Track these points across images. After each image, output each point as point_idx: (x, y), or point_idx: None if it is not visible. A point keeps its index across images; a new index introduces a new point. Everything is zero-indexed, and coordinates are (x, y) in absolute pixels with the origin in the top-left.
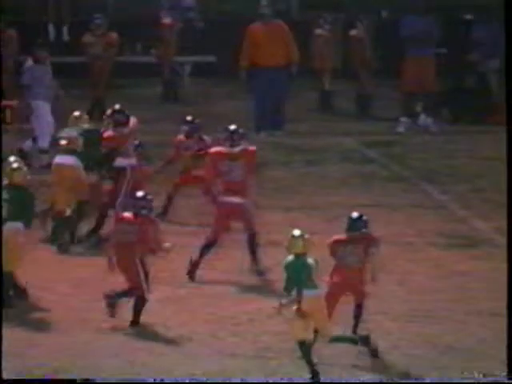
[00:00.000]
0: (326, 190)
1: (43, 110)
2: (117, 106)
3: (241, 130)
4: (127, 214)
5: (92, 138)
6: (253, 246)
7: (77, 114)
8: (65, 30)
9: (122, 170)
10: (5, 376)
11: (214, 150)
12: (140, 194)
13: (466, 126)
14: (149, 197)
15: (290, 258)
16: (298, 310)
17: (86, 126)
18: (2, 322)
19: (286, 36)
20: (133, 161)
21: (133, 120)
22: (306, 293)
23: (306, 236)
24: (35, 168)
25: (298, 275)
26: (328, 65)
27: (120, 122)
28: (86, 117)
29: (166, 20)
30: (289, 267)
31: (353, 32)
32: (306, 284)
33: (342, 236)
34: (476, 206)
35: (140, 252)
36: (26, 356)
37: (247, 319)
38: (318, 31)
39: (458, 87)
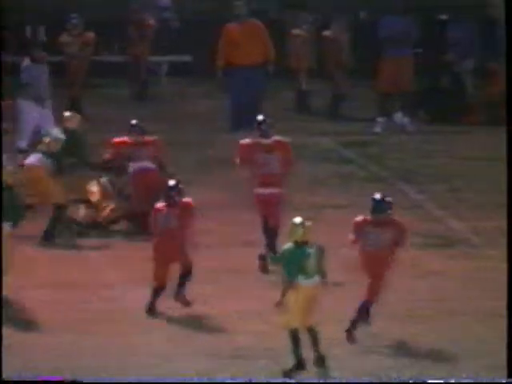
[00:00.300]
0: (303, 190)
1: (29, 109)
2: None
3: (268, 120)
4: (163, 204)
5: (70, 140)
6: (273, 238)
7: (67, 114)
8: (41, 29)
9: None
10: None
11: (246, 141)
12: (171, 182)
13: (442, 125)
14: (180, 185)
15: (289, 245)
16: (293, 298)
17: (73, 126)
18: (1, 322)
19: (262, 35)
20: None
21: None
22: (303, 281)
23: (307, 223)
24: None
25: (296, 263)
26: (304, 64)
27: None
28: (76, 118)
29: (140, 19)
30: (286, 255)
31: (326, 32)
32: (303, 272)
33: (368, 217)
34: (452, 206)
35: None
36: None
37: (223, 319)
38: (296, 31)
39: (433, 87)
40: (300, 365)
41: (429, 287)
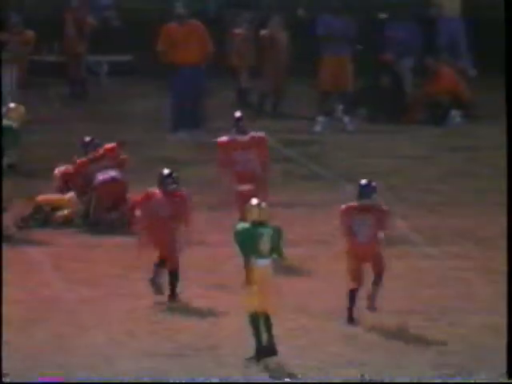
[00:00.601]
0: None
1: None
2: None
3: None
4: (157, 191)
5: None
6: None
7: (11, 105)
8: None
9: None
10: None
11: (223, 139)
12: (166, 171)
13: (381, 124)
14: (175, 174)
15: (242, 225)
16: (248, 279)
17: (15, 118)
18: (1, 322)
19: (201, 35)
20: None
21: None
22: (258, 262)
23: (263, 205)
24: None
25: (249, 243)
26: (245, 63)
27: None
28: (20, 109)
29: (77, 17)
30: (239, 234)
31: (263, 31)
32: (257, 252)
33: (354, 204)
34: (392, 205)
35: (174, 225)
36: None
37: (164, 317)
38: (237, 30)
39: (373, 86)
40: (261, 350)
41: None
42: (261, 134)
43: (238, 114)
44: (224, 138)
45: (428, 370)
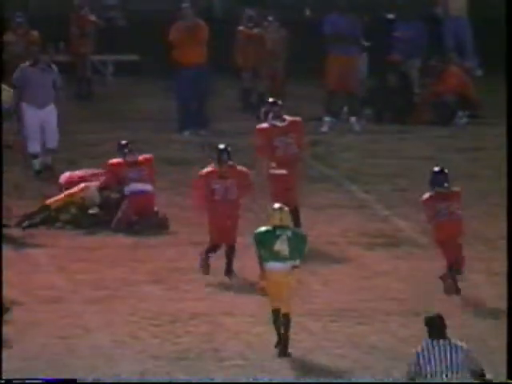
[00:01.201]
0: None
1: (28, 113)
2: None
3: (279, 102)
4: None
5: None
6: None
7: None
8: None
9: None
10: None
11: (263, 126)
12: (222, 146)
13: (388, 125)
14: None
15: (262, 228)
16: (265, 280)
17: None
18: (2, 322)
19: (206, 35)
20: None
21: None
22: (272, 264)
23: (285, 208)
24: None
25: (268, 246)
26: (248, 62)
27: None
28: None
29: (89, 17)
30: (258, 237)
31: (255, 30)
32: (275, 256)
33: (432, 193)
34: (398, 206)
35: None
36: None
37: (168, 320)
38: (240, 28)
39: (380, 86)
40: (279, 341)
41: (375, 287)
42: (297, 118)
43: (271, 99)
44: (264, 125)
45: None
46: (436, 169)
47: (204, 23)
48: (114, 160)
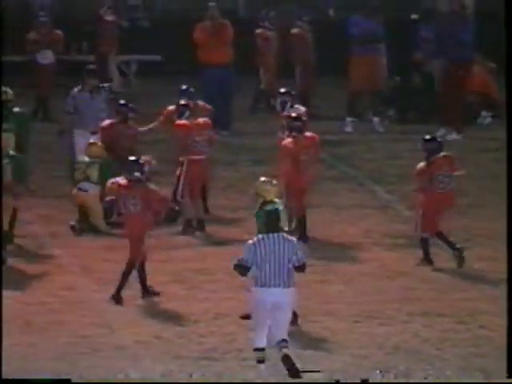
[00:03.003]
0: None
1: (79, 138)
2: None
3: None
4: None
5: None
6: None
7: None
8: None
9: None
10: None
11: (289, 144)
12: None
13: (412, 125)
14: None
15: (271, 205)
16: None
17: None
18: (1, 323)
19: (231, 35)
20: None
21: None
22: None
23: (274, 181)
24: None
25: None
26: (266, 63)
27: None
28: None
29: (108, 17)
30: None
31: (294, 30)
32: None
33: (425, 164)
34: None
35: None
36: None
37: (192, 320)
38: (259, 29)
39: (404, 86)
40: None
41: (398, 288)
42: (314, 134)
43: (294, 113)
44: (289, 141)
45: (457, 373)
46: (427, 137)
47: (229, 23)
48: (181, 121)
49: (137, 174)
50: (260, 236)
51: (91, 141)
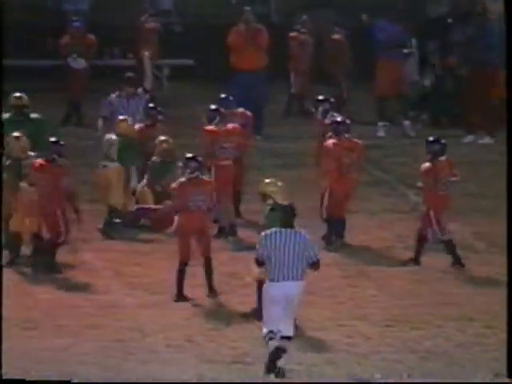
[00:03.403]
0: (304, 194)
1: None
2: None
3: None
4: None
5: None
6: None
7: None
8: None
9: None
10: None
11: (331, 145)
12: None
13: (445, 129)
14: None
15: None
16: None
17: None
18: (1, 323)
19: (265, 40)
20: None
21: None
22: None
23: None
24: None
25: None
26: (299, 67)
27: None
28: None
29: (150, 23)
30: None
31: (334, 36)
32: None
33: (431, 165)
34: (454, 211)
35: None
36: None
37: (224, 324)
38: (292, 33)
39: (436, 91)
40: None
41: (431, 292)
42: (357, 140)
43: (339, 118)
44: (332, 142)
45: (488, 377)
46: (431, 138)
47: (264, 28)
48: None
49: (197, 172)
50: (274, 229)
51: (121, 117)
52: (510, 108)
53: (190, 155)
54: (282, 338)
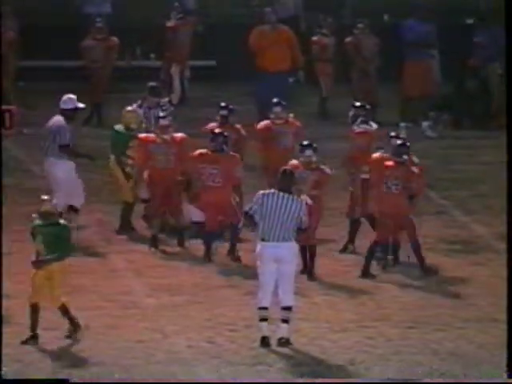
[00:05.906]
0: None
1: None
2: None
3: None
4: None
5: None
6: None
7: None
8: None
9: None
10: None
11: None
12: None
13: (466, 130)
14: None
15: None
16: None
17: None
18: (1, 323)
19: (290, 42)
20: None
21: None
22: None
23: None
24: None
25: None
26: (327, 70)
27: None
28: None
29: (177, 23)
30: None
31: (347, 38)
32: None
33: (390, 161)
34: (477, 212)
35: None
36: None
37: (245, 325)
38: (315, 37)
39: (459, 92)
40: None
41: (453, 293)
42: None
43: (358, 103)
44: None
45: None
46: (399, 141)
47: (287, 28)
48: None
49: (225, 147)
50: (272, 190)
51: (129, 108)
52: (510, 108)
53: (306, 142)
54: (283, 308)
